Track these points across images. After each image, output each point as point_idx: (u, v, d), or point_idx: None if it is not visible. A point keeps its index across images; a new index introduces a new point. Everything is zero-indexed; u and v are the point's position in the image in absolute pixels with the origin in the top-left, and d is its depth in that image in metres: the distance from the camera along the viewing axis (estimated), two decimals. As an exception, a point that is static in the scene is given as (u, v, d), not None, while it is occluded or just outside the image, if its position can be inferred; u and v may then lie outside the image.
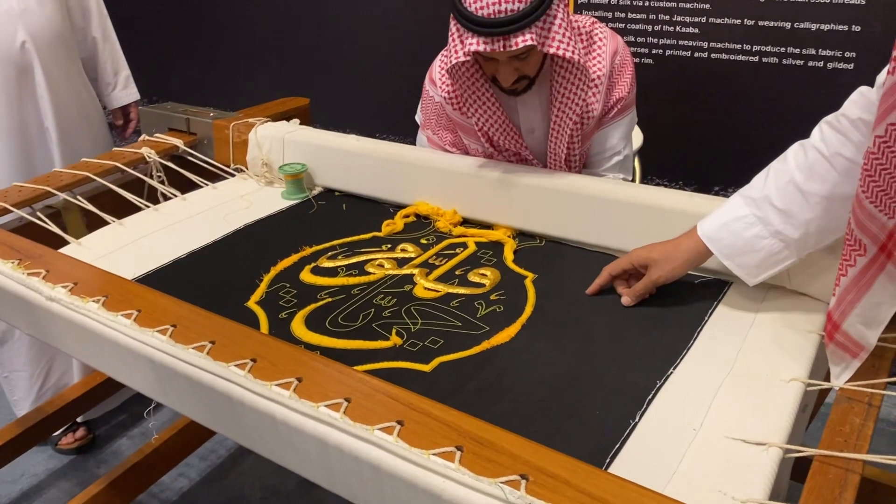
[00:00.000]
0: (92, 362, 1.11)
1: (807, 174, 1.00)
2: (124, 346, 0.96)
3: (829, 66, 1.92)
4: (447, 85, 1.41)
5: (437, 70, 1.47)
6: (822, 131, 1.01)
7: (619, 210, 1.26)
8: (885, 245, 0.84)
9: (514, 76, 1.31)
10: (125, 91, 2.11)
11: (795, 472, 1.08)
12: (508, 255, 1.31)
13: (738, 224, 1.05)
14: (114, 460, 2.03)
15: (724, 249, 1.06)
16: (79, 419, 2.06)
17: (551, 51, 1.27)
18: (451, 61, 1.29)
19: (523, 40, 1.21)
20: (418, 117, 1.61)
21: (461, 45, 1.26)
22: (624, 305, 1.14)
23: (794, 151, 1.04)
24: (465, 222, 1.44)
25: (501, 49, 1.23)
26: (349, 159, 1.55)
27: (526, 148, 1.45)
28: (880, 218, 0.83)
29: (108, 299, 1.02)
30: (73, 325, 1.03)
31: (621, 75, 1.43)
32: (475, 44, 1.22)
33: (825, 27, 1.90)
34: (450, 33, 1.29)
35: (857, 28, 1.86)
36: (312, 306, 1.16)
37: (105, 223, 1.46)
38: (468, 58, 1.26)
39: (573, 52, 1.28)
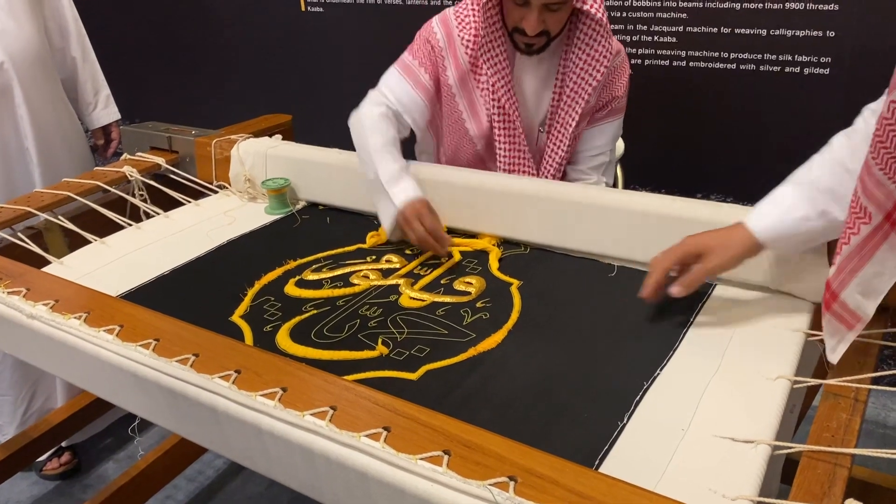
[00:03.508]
0: (75, 380, 1.10)
1: (852, 154, 0.98)
2: (107, 362, 0.95)
3: (806, 71, 1.95)
4: (469, 27, 1.41)
5: (454, 15, 1.46)
6: (864, 115, 1.01)
7: (602, 216, 1.26)
8: (891, 214, 0.83)
9: (540, 26, 1.32)
10: (105, 111, 2.10)
11: (785, 476, 1.08)
12: (493, 264, 1.31)
13: (787, 208, 1.03)
14: (99, 485, 2.00)
15: (773, 233, 1.04)
16: (64, 443, 2.03)
17: (585, 7, 1.31)
18: None
19: None
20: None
21: None
22: (674, 295, 1.06)
23: (838, 138, 1.04)
24: (450, 232, 1.44)
25: None
26: (332, 173, 1.55)
27: (517, 111, 1.44)
28: (888, 185, 0.81)
29: (90, 315, 1.00)
30: (54, 342, 1.02)
31: (619, 76, 1.46)
32: None
33: (801, 33, 1.93)
34: None
35: (832, 34, 1.89)
36: (297, 319, 1.15)
37: (87, 242, 1.45)
38: None
39: (603, 14, 1.33)
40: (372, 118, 1.43)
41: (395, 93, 1.47)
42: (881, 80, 1.96)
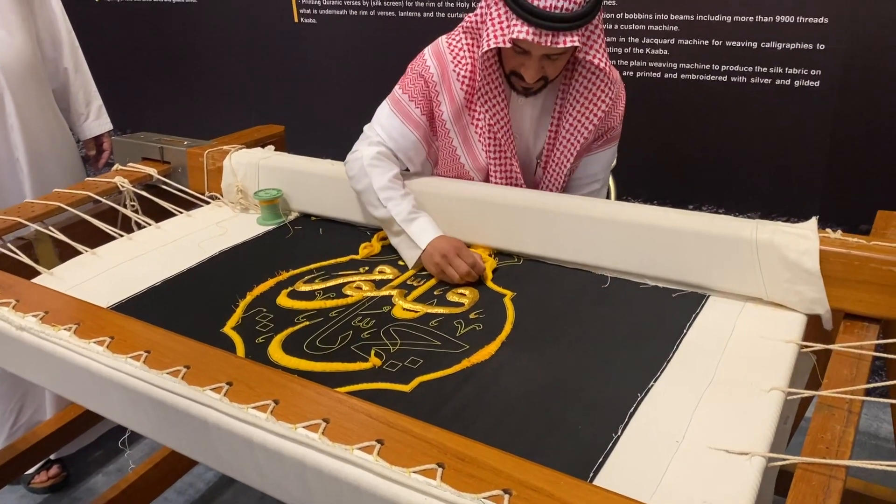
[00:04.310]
0: (65, 392, 1.09)
1: None
2: (97, 374, 0.94)
3: (797, 83, 1.96)
4: (464, 62, 1.39)
5: (448, 48, 1.43)
6: None
7: (595, 227, 1.26)
8: None
9: (539, 74, 1.31)
10: (97, 121, 2.09)
11: (779, 488, 1.07)
12: (487, 274, 1.30)
13: None
14: (88, 498, 1.98)
15: None
16: (52, 456, 2.01)
17: (588, 58, 1.30)
18: (488, 45, 1.28)
19: (571, 40, 1.23)
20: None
21: (502, 32, 1.25)
22: None
23: None
24: (443, 243, 1.43)
25: (547, 44, 1.23)
26: (325, 183, 1.55)
27: (513, 148, 1.44)
28: None
29: (80, 327, 1.00)
30: (44, 354, 1.01)
31: (615, 106, 1.45)
32: (523, 32, 1.22)
33: (791, 46, 1.94)
34: (486, 17, 1.30)
35: (821, 46, 1.90)
36: (290, 330, 1.15)
37: (78, 253, 1.44)
38: (508, 45, 1.26)
39: (607, 64, 1.31)
40: (370, 158, 1.42)
41: (387, 130, 1.45)
42: (871, 93, 1.99)
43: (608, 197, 1.88)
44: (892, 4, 1.79)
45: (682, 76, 2.10)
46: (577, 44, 1.23)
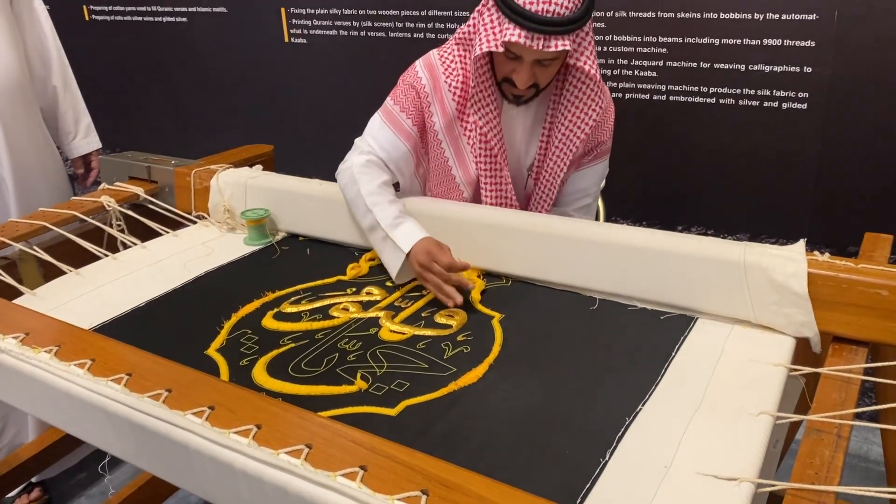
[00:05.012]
0: (45, 416, 1.07)
1: None
2: (77, 397, 0.93)
3: (784, 105, 1.97)
4: (456, 73, 1.41)
5: (440, 60, 1.44)
6: None
7: (583, 249, 1.26)
8: None
9: (531, 80, 1.32)
10: (86, 140, 2.08)
11: (769, 510, 1.07)
12: (475, 296, 1.29)
13: None
14: (71, 521, 1.95)
15: None
16: (34, 479, 1.98)
17: (580, 64, 1.31)
18: (480, 49, 1.29)
19: (562, 44, 1.24)
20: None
21: (494, 36, 1.27)
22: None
23: None
24: (431, 264, 1.43)
25: (538, 47, 1.25)
26: (312, 203, 1.54)
27: (505, 157, 1.44)
28: None
29: (61, 349, 0.98)
30: (23, 377, 0.99)
31: (605, 121, 1.46)
32: (515, 35, 1.24)
33: (779, 69, 1.96)
34: (479, 24, 1.32)
35: (808, 69, 1.92)
36: (275, 352, 1.13)
37: (62, 273, 1.43)
38: (501, 49, 1.27)
39: (597, 72, 1.33)
40: (360, 166, 1.41)
41: (378, 141, 1.46)
42: (856, 115, 2.00)
43: (597, 218, 1.88)
44: (876, 29, 1.81)
45: (671, 98, 2.11)
46: (568, 48, 1.25)
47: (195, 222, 1.67)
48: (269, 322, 1.23)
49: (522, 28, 1.23)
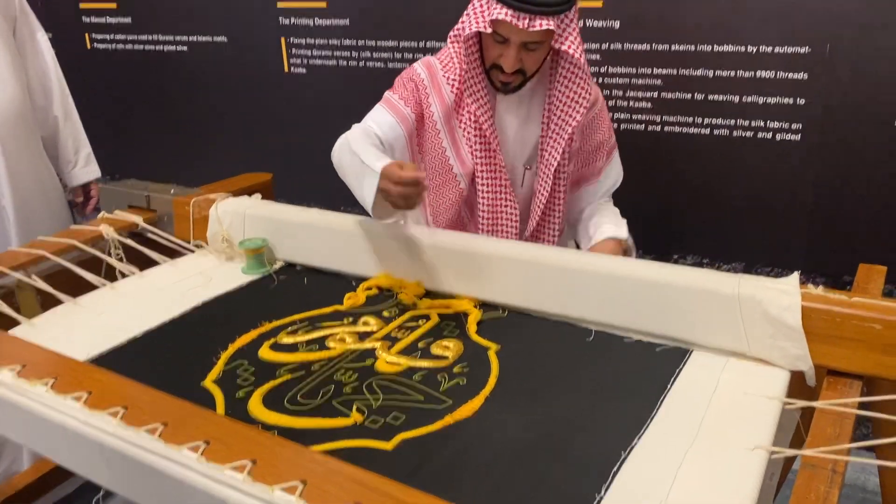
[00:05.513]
0: (39, 448, 1.06)
1: None
2: (72, 431, 0.93)
3: (778, 136, 1.99)
4: (453, 67, 1.48)
5: (437, 59, 1.53)
6: None
7: (579, 280, 1.27)
8: None
9: (517, 64, 1.40)
10: (86, 169, 2.10)
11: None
12: (472, 327, 1.30)
13: None
14: (64, 552, 1.93)
15: None
16: (28, 509, 1.97)
17: (563, 48, 1.39)
18: (469, 28, 1.38)
19: (546, 23, 1.33)
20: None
21: (483, 17, 1.36)
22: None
23: None
24: (429, 294, 1.43)
25: (524, 26, 1.33)
26: (310, 232, 1.55)
27: (499, 145, 1.50)
28: None
29: (57, 381, 0.98)
30: (19, 410, 0.99)
31: (601, 120, 1.53)
32: (502, 14, 1.32)
33: (772, 101, 1.98)
34: (469, 11, 1.40)
35: (801, 101, 1.94)
36: (271, 384, 1.13)
37: (60, 302, 1.43)
38: (489, 29, 1.35)
39: (581, 56, 1.40)
40: (356, 133, 1.47)
41: (376, 122, 1.53)
42: (849, 146, 2.02)
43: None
44: (866, 61, 1.84)
45: (666, 128, 2.13)
46: (552, 27, 1.33)
47: (193, 251, 1.68)
48: (265, 353, 1.23)
49: (509, 7, 1.32)
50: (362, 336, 1.29)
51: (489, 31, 1.36)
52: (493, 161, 1.49)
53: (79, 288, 1.48)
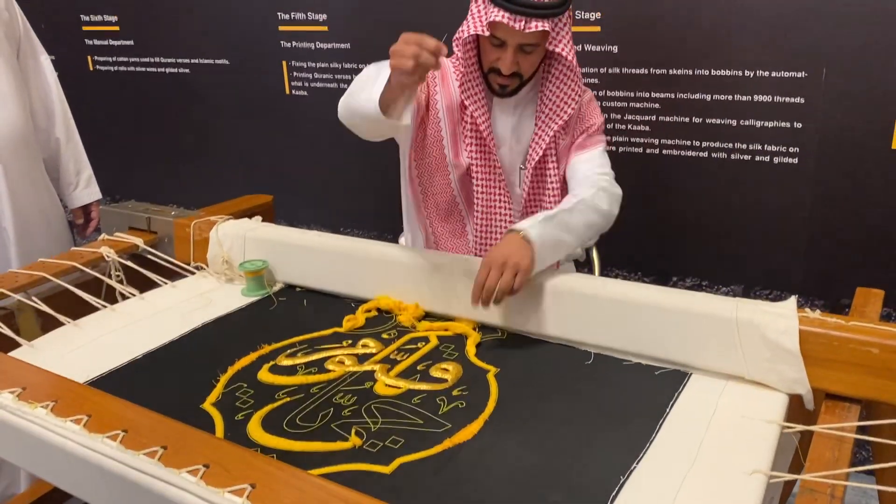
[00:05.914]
0: (40, 472, 1.06)
1: None
2: (72, 454, 0.93)
3: (776, 160, 2.01)
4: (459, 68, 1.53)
5: (450, 61, 1.57)
6: None
7: (578, 303, 1.27)
8: None
9: (514, 66, 1.45)
10: (87, 190, 2.11)
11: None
12: (471, 349, 1.30)
13: None
14: (60, 575, 1.91)
15: None
16: (24, 531, 1.95)
17: (557, 49, 1.44)
18: (467, 32, 1.43)
19: (542, 25, 1.38)
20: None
21: (480, 20, 1.41)
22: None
23: None
24: (428, 316, 1.44)
25: (520, 28, 1.37)
26: (310, 255, 1.56)
27: (495, 144, 1.55)
28: None
29: (58, 404, 0.98)
30: (20, 432, 0.99)
31: (591, 109, 1.61)
32: (499, 16, 1.37)
33: (770, 124, 1.99)
34: (468, 16, 1.44)
35: (798, 125, 1.96)
36: (270, 407, 1.13)
37: (60, 324, 1.43)
38: (486, 32, 1.40)
39: (574, 58, 1.46)
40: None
41: None
42: (846, 169, 2.03)
43: (591, 270, 1.90)
44: (862, 85, 1.85)
45: (664, 151, 2.15)
46: (547, 28, 1.38)
47: (194, 273, 1.68)
48: (264, 375, 1.23)
49: (506, 10, 1.37)
50: (361, 358, 1.29)
51: (487, 34, 1.41)
52: (489, 162, 1.55)
53: (79, 310, 1.48)
